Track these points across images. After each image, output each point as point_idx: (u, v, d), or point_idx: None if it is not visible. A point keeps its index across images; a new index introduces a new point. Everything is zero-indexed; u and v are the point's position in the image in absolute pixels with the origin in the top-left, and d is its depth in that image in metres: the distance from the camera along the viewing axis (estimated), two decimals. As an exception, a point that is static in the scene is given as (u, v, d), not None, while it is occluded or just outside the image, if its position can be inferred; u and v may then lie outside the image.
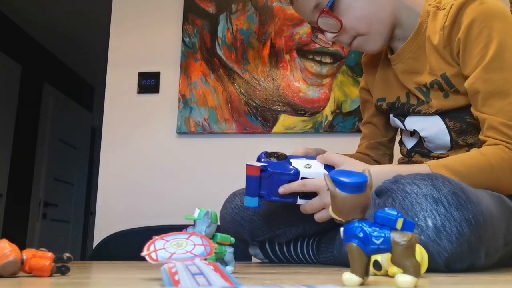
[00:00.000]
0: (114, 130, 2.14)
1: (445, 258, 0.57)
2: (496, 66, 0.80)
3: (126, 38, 2.22)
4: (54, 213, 4.09)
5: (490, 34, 0.81)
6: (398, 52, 0.96)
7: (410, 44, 0.94)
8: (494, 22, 0.81)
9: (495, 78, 0.79)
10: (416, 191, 0.59)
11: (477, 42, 0.82)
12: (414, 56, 0.93)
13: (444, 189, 0.58)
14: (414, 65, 0.94)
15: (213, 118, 2.04)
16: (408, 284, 0.36)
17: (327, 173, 0.40)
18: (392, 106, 1.02)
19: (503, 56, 0.80)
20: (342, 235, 0.39)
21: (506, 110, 0.78)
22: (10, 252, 0.49)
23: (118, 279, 0.50)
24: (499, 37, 0.80)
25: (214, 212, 0.54)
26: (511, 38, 0.81)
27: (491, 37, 0.81)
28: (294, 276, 0.54)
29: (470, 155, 0.78)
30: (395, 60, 0.97)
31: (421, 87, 0.93)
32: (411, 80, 0.95)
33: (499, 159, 0.75)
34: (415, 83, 0.94)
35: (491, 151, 0.77)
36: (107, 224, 1.97)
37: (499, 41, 0.80)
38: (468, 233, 0.57)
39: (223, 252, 0.55)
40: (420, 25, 0.92)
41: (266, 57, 2.06)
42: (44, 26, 3.77)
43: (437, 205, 0.57)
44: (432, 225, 0.57)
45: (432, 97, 0.91)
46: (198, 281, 0.32)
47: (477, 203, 0.59)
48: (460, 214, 0.57)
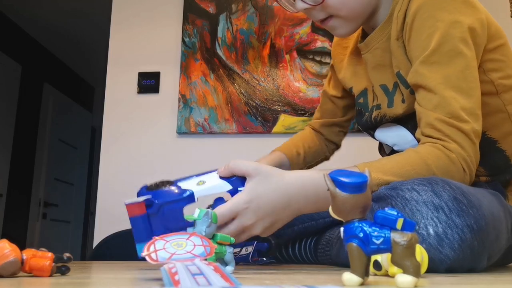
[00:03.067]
0: (114, 130, 2.14)
1: (448, 265, 0.56)
2: (435, 59, 0.72)
3: (126, 38, 2.22)
4: (54, 213, 4.09)
5: (434, 24, 0.73)
6: (366, 40, 0.88)
7: (379, 32, 0.85)
8: (440, 10, 0.73)
9: (434, 72, 0.72)
10: (416, 198, 0.57)
11: (420, 32, 0.75)
12: (383, 47, 0.85)
13: (444, 194, 0.57)
14: (383, 57, 0.85)
15: (213, 118, 2.04)
16: (408, 284, 0.36)
17: (327, 173, 0.40)
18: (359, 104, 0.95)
19: (443, 49, 0.72)
20: (342, 235, 0.39)
21: (442, 106, 0.70)
22: (10, 252, 0.49)
23: (118, 279, 0.50)
24: (443, 28, 0.72)
25: (214, 212, 0.54)
26: (455, 29, 0.72)
27: (434, 27, 0.73)
28: (294, 276, 0.54)
29: (404, 155, 0.70)
30: (363, 49, 0.89)
31: (386, 86, 0.85)
32: (376, 76, 0.87)
33: (434, 158, 0.68)
34: (380, 80, 0.86)
35: (426, 149, 0.70)
36: (107, 224, 1.97)
37: (442, 33, 0.72)
38: (470, 239, 0.56)
39: (223, 252, 0.55)
40: (391, 13, 0.82)
41: (266, 57, 2.06)
42: (44, 26, 3.77)
43: (438, 212, 0.56)
44: (433, 233, 0.55)
45: (395, 99, 0.83)
46: (198, 281, 0.32)
47: (478, 206, 0.58)
48: (461, 220, 0.56)
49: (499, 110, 0.82)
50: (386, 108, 0.85)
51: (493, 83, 0.80)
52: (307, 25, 2.05)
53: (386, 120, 0.88)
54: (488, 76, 0.79)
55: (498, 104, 0.81)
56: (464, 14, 0.73)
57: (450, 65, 0.72)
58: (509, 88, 0.81)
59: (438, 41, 0.72)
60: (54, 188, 4.11)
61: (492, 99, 0.80)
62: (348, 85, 1.00)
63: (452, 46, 0.72)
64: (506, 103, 0.82)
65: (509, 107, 0.82)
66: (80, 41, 3.99)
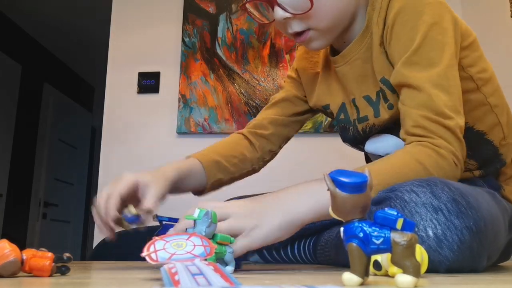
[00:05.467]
0: (114, 130, 2.14)
1: (447, 266, 0.56)
2: (417, 59, 0.73)
3: (126, 38, 2.22)
4: (54, 213, 4.09)
5: (415, 26, 0.74)
6: (344, 52, 0.85)
7: (358, 43, 0.84)
8: (419, 13, 0.74)
9: (416, 71, 0.72)
10: (415, 199, 0.57)
11: (401, 34, 0.75)
12: (363, 57, 0.83)
13: (443, 196, 0.57)
14: (364, 67, 0.83)
15: (213, 118, 2.04)
16: (408, 284, 0.36)
17: (327, 173, 0.40)
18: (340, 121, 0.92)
19: (424, 49, 0.73)
20: (342, 235, 0.39)
21: (427, 103, 0.70)
22: (10, 252, 0.49)
23: (118, 279, 0.50)
24: (423, 30, 0.73)
25: (214, 212, 0.54)
26: (435, 30, 0.73)
27: (415, 29, 0.73)
28: (294, 276, 0.54)
29: (397, 158, 0.69)
30: (339, 61, 0.87)
31: (370, 96, 0.84)
32: (359, 87, 0.85)
33: (426, 156, 0.67)
34: (362, 92, 0.85)
35: (416, 149, 0.69)
36: (107, 224, 1.97)
37: (422, 34, 0.73)
38: (470, 240, 0.56)
39: (223, 252, 0.55)
40: (368, 23, 0.82)
41: (266, 57, 2.06)
42: (44, 25, 3.77)
43: (437, 213, 0.56)
44: (432, 234, 0.56)
45: (381, 108, 0.82)
46: (198, 281, 0.32)
47: (477, 207, 0.58)
48: (460, 222, 0.56)
49: (482, 104, 0.84)
50: (373, 118, 0.85)
51: (472, 78, 0.82)
52: (307, 25, 2.05)
53: (375, 130, 0.87)
54: (467, 72, 0.81)
55: (480, 98, 0.83)
56: (441, 15, 0.75)
57: (431, 64, 0.73)
58: (486, 81, 0.84)
59: (419, 42, 0.73)
60: (54, 188, 4.11)
61: (474, 94, 0.82)
62: (324, 102, 0.96)
63: (432, 46, 0.73)
64: (487, 95, 0.84)
65: (490, 99, 0.84)
66: (80, 41, 3.99)
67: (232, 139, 1.04)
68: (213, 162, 0.95)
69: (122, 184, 0.76)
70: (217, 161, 0.96)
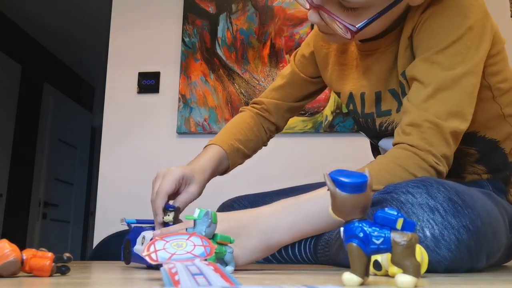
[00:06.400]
0: (114, 130, 2.14)
1: (445, 266, 0.56)
2: (438, 60, 0.71)
3: (126, 38, 2.22)
4: (54, 213, 4.09)
5: (448, 26, 0.72)
6: (374, 42, 0.83)
7: (391, 36, 0.82)
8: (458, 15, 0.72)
9: (432, 71, 0.71)
10: (411, 200, 0.58)
11: (431, 29, 0.73)
12: (394, 50, 0.81)
13: (439, 196, 0.57)
14: (392, 61, 0.82)
15: (213, 118, 2.04)
16: (408, 284, 0.36)
17: (327, 173, 0.40)
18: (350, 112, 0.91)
19: (449, 52, 0.71)
20: (342, 235, 0.39)
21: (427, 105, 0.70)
22: (10, 252, 0.49)
23: (118, 279, 0.50)
24: (455, 32, 0.71)
25: (214, 212, 0.54)
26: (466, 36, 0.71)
27: (447, 30, 0.72)
28: (294, 276, 0.54)
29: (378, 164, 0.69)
30: (366, 49, 0.84)
31: (395, 90, 0.81)
32: (386, 80, 0.83)
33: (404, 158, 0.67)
34: (389, 85, 0.82)
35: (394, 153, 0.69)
36: (107, 224, 1.97)
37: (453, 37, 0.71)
38: (467, 239, 0.56)
39: (223, 252, 0.55)
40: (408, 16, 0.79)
41: (266, 57, 2.06)
42: (44, 26, 3.77)
43: (434, 213, 0.56)
44: (430, 235, 0.56)
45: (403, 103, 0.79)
46: (198, 281, 0.32)
47: (473, 206, 0.58)
48: (457, 221, 0.56)
49: (496, 114, 0.83)
50: (395, 113, 0.83)
51: (490, 88, 0.80)
52: (307, 25, 2.05)
53: (391, 130, 0.85)
54: (487, 80, 0.79)
55: (494, 108, 0.82)
56: (483, 23, 0.73)
57: (451, 67, 0.71)
58: (505, 91, 0.82)
59: (448, 44, 0.71)
60: (54, 188, 4.11)
61: (488, 103, 0.81)
62: (334, 88, 0.96)
63: (459, 51, 0.71)
64: (503, 106, 0.83)
65: (506, 109, 0.83)
66: (80, 41, 3.99)
67: (246, 120, 1.07)
68: (235, 150, 1.02)
69: (169, 182, 0.83)
70: (238, 148, 1.02)
